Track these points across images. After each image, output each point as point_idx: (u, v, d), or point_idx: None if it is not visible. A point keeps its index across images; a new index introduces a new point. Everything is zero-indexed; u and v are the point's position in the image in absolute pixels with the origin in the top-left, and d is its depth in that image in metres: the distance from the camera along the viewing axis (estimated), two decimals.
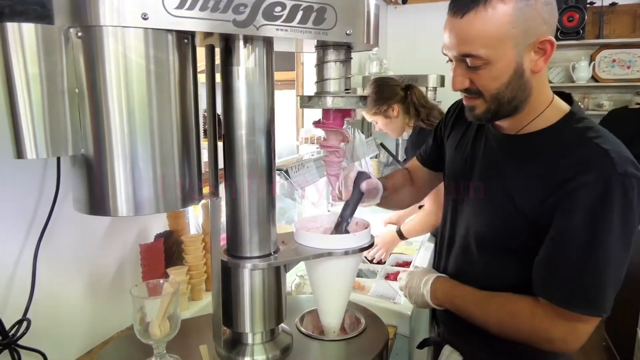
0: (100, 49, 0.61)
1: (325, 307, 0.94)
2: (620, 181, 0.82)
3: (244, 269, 0.81)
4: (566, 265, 0.85)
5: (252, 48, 0.77)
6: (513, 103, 0.90)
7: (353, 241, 0.88)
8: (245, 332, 0.84)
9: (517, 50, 0.84)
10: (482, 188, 1.01)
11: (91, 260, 1.13)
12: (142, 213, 0.66)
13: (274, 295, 0.84)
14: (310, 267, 0.91)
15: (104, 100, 0.62)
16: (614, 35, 3.79)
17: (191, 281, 1.26)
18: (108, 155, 0.64)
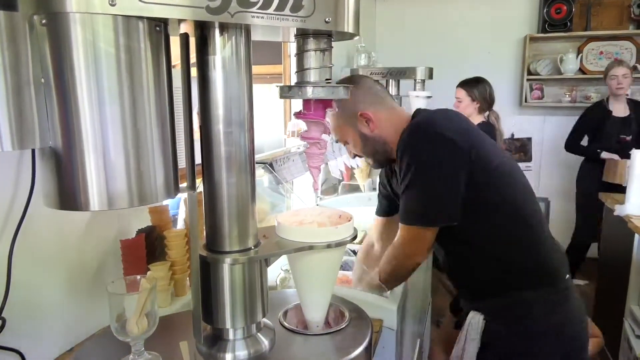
0: (67, 37, 0.58)
1: (308, 301, 0.92)
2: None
3: (223, 264, 0.80)
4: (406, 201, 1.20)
5: (229, 37, 0.74)
6: (380, 151, 1.29)
7: (335, 234, 0.87)
8: (226, 327, 0.83)
9: (352, 127, 1.28)
10: None
11: (71, 256, 1.11)
12: (115, 207, 0.64)
13: (254, 290, 0.83)
14: (293, 261, 0.90)
15: (72, 91, 0.60)
16: (601, 27, 3.81)
17: (174, 277, 1.24)
18: (77, 148, 0.61)
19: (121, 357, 0.82)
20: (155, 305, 0.80)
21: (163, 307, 1.18)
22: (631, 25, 3.78)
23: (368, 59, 3.29)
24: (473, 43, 3.98)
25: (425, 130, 1.17)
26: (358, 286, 1.42)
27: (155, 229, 1.24)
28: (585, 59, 3.88)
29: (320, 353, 0.87)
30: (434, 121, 1.20)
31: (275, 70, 2.82)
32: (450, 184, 1.14)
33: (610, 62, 3.29)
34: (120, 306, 0.78)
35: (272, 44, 0.98)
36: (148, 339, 0.82)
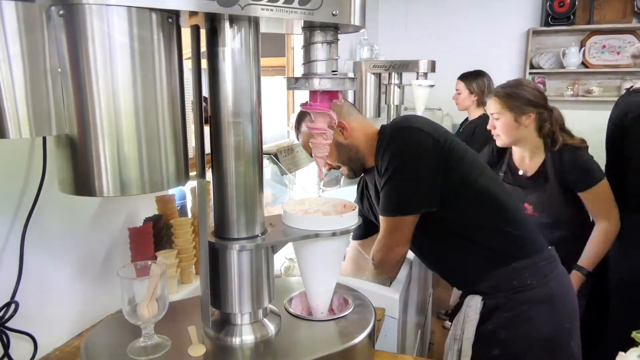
0: (83, 27, 0.60)
1: (313, 289, 0.94)
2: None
3: (231, 250, 0.82)
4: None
5: (238, 28, 0.76)
6: (354, 158, 1.39)
7: (340, 222, 0.89)
8: (234, 312, 0.85)
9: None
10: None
11: (80, 243, 1.13)
12: (128, 193, 0.66)
13: (261, 276, 0.85)
14: (298, 249, 0.92)
15: (88, 80, 0.62)
16: (604, 20, 3.80)
17: (181, 264, 1.26)
18: (92, 135, 0.64)
19: (130, 342, 0.84)
20: (165, 290, 0.82)
21: (170, 294, 1.21)
22: (635, 18, 3.77)
23: (371, 52, 3.30)
24: (476, 36, 3.98)
25: (403, 127, 1.30)
26: (356, 272, 1.48)
27: (162, 217, 1.26)
28: (588, 53, 3.88)
29: (325, 338, 0.90)
30: (409, 120, 1.32)
31: (279, 62, 2.83)
32: (427, 173, 1.24)
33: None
34: (131, 290, 0.81)
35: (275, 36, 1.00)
36: (157, 323, 0.84)
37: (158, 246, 1.22)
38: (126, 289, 0.80)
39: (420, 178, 1.25)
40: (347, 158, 1.38)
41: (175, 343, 0.85)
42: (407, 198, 1.26)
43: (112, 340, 0.88)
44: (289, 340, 0.87)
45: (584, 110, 3.90)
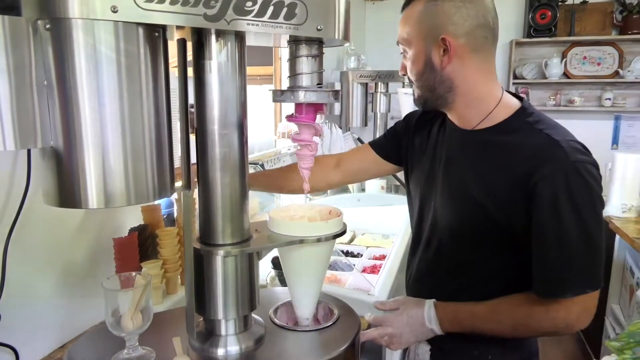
0: (69, 41, 0.61)
1: (298, 295, 0.95)
2: (574, 169, 0.90)
3: (216, 256, 0.82)
4: (568, 262, 0.93)
5: (224, 42, 0.77)
6: (436, 92, 1.03)
7: (326, 228, 0.89)
8: (218, 319, 0.85)
9: (425, 43, 1.01)
10: (446, 181, 1.08)
11: (64, 254, 1.12)
12: (113, 205, 0.67)
13: (246, 282, 0.85)
14: (283, 255, 0.92)
15: (74, 93, 0.62)
16: (584, 32, 3.89)
17: (166, 275, 1.26)
18: (78, 147, 0.64)
19: (114, 353, 0.84)
20: (150, 301, 0.82)
21: (155, 305, 1.20)
22: (614, 30, 3.87)
23: (357, 62, 3.34)
24: None
25: (577, 160, 0.92)
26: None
27: (147, 227, 1.26)
28: (569, 64, 3.97)
29: (310, 349, 0.90)
30: (583, 150, 0.96)
31: (266, 71, 2.85)
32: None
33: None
34: (115, 302, 0.80)
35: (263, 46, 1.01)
36: (142, 335, 0.84)
37: (143, 256, 1.22)
38: (110, 301, 0.80)
39: (600, 235, 0.94)
40: (428, 86, 1.03)
41: (159, 354, 0.84)
42: (600, 269, 0.94)
43: (95, 352, 0.88)
44: (274, 350, 0.88)
45: (566, 119, 3.98)
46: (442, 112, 1.15)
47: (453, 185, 1.06)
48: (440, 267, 1.13)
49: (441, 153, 1.12)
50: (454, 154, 1.09)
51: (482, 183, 1.00)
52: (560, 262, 0.93)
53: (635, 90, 3.90)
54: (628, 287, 2.29)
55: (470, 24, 0.98)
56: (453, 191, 1.06)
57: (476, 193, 1.00)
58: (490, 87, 1.04)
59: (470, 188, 1.02)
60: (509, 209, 0.96)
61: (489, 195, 0.98)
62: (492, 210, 0.98)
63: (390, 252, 1.90)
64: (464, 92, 1.02)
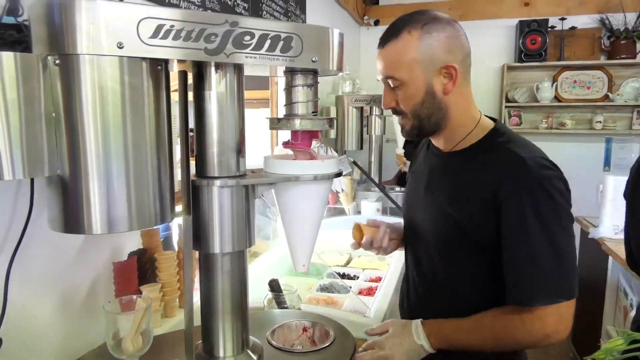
0: (77, 75, 0.64)
1: (294, 239, 0.94)
2: (539, 184, 0.96)
3: (212, 187, 0.83)
4: (538, 272, 0.97)
5: (223, 74, 0.81)
6: (432, 119, 1.07)
7: (322, 167, 0.89)
8: (215, 252, 0.85)
9: (425, 73, 1.02)
10: (428, 202, 1.14)
11: (64, 278, 1.14)
12: (116, 231, 0.69)
13: (243, 216, 0.86)
14: (279, 195, 0.92)
15: (80, 124, 0.66)
16: (574, 57, 3.97)
17: (164, 298, 1.27)
18: (83, 176, 0.67)
19: None
20: (150, 324, 0.84)
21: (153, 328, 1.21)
22: (602, 55, 3.96)
23: (352, 86, 3.39)
24: None
25: (542, 176, 0.98)
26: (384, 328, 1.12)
27: (146, 251, 1.28)
28: (560, 87, 4.04)
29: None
30: (545, 165, 1.00)
31: (263, 95, 2.89)
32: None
33: None
34: (116, 325, 0.82)
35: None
36: (142, 357, 0.85)
37: (142, 280, 1.24)
38: (111, 324, 0.82)
39: (570, 245, 0.99)
40: (426, 115, 1.05)
41: None
42: (573, 278, 0.98)
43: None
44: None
45: (558, 142, 4.04)
46: (426, 142, 1.23)
47: (433, 205, 1.12)
48: (428, 285, 1.17)
49: (423, 178, 1.19)
50: (434, 177, 1.15)
51: (458, 202, 1.05)
52: (529, 271, 0.96)
53: (625, 114, 3.97)
54: (622, 309, 2.30)
55: (462, 52, 1.05)
56: (435, 211, 1.11)
57: (454, 212, 1.05)
58: (472, 110, 1.11)
59: (449, 208, 1.07)
60: (482, 225, 1.01)
61: (464, 213, 1.03)
62: (468, 228, 1.03)
63: (386, 274, 1.92)
64: (454, 116, 1.07)
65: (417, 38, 1.01)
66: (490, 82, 4.16)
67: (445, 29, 1.02)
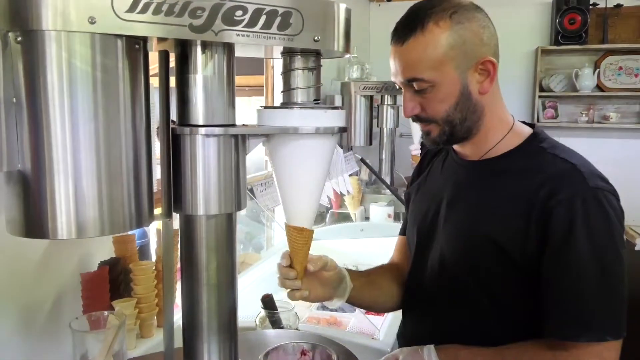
0: (42, 55, 0.64)
1: (291, 203, 0.93)
2: (593, 195, 0.94)
3: (196, 136, 0.81)
4: (582, 298, 0.95)
5: (211, 54, 0.81)
6: (465, 124, 1.05)
7: (324, 119, 0.86)
8: (199, 214, 0.83)
9: (459, 71, 1.00)
10: (452, 221, 1.12)
11: (23, 292, 1.14)
12: (85, 236, 0.69)
13: (231, 173, 0.83)
14: (275, 151, 0.90)
15: (45, 111, 0.65)
16: (619, 40, 3.96)
17: (140, 315, 1.27)
18: (48, 172, 0.67)
19: None
20: (124, 344, 0.84)
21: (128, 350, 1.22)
22: None
23: (361, 72, 3.40)
24: None
25: (597, 187, 0.97)
26: None
27: (119, 261, 1.29)
28: (602, 75, 4.03)
29: None
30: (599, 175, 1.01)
31: (256, 81, 2.90)
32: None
33: None
34: (84, 345, 0.82)
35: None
36: None
37: (115, 294, 1.24)
38: (78, 344, 0.82)
39: (622, 273, 0.97)
40: (461, 119, 1.04)
41: None
42: (622, 313, 0.96)
43: None
44: None
45: (600, 138, 4.03)
46: (445, 149, 1.21)
47: (461, 224, 1.10)
48: (450, 319, 1.14)
49: (443, 192, 1.16)
50: (459, 190, 1.13)
51: (492, 214, 1.04)
52: (574, 298, 0.95)
53: None
54: None
55: (494, 43, 1.04)
56: (461, 230, 1.10)
57: (486, 227, 1.04)
58: (505, 112, 1.10)
59: (481, 222, 1.05)
60: (522, 240, 0.99)
61: (500, 226, 1.02)
62: (504, 243, 1.01)
63: None
64: (489, 119, 1.07)
65: (447, 30, 0.99)
66: (522, 69, 4.16)
67: (476, 17, 1.01)
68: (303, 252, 1.00)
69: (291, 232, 0.97)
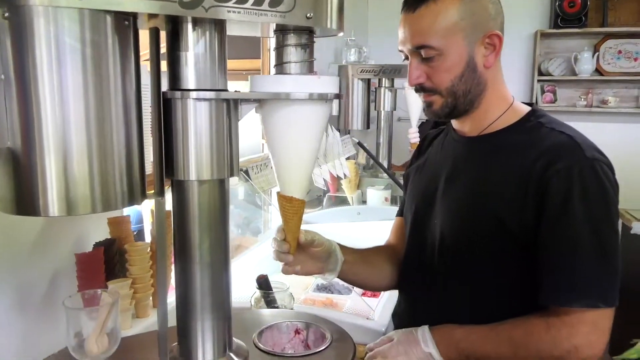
0: (30, 31, 0.64)
1: (284, 171, 0.93)
2: (590, 165, 0.96)
3: (187, 100, 0.80)
4: (576, 265, 0.96)
5: (202, 32, 0.80)
6: (468, 97, 1.07)
7: (318, 85, 0.86)
8: (190, 179, 0.83)
9: (467, 42, 1.03)
10: (450, 197, 1.13)
11: (19, 272, 1.14)
12: (76, 213, 0.69)
13: (223, 138, 0.83)
14: (267, 118, 0.89)
15: (34, 88, 0.65)
16: (619, 23, 3.94)
17: (136, 296, 1.28)
18: (38, 149, 0.67)
19: None
20: (117, 322, 0.85)
21: (123, 330, 1.22)
22: None
23: (359, 55, 3.38)
24: None
25: (594, 157, 0.99)
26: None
27: (115, 242, 1.29)
28: (602, 59, 4.02)
29: None
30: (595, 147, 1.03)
31: (253, 65, 2.88)
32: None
33: None
34: (78, 323, 0.83)
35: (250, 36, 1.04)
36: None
37: (110, 275, 1.25)
38: (72, 322, 0.83)
39: (616, 242, 0.99)
40: (465, 91, 1.06)
41: None
42: (615, 281, 0.98)
43: None
44: None
45: (599, 122, 4.03)
46: (443, 128, 1.23)
47: (459, 199, 1.11)
48: (448, 296, 1.15)
49: (442, 169, 1.17)
50: (458, 166, 1.14)
51: (490, 188, 1.05)
52: (568, 265, 0.96)
53: None
54: None
55: (500, 19, 1.07)
56: (459, 205, 1.11)
57: (485, 199, 1.05)
58: (506, 89, 1.12)
59: (479, 196, 1.07)
60: (519, 212, 1.00)
61: (498, 199, 1.03)
62: (503, 216, 1.02)
63: None
64: (490, 94, 1.09)
65: (459, 1, 1.02)
66: (521, 52, 4.14)
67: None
68: (294, 223, 1.01)
69: (281, 202, 0.98)
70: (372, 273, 1.28)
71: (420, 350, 1.05)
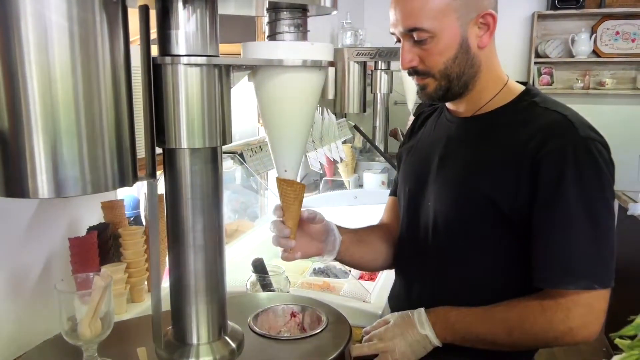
0: (15, 8, 0.62)
1: (277, 142, 0.92)
2: (583, 144, 0.95)
3: (177, 66, 0.79)
4: (570, 246, 0.96)
5: (193, 9, 0.79)
6: (462, 79, 1.05)
7: (313, 52, 0.85)
8: (181, 147, 0.81)
9: (460, 23, 1.01)
10: (443, 177, 1.13)
11: (12, 257, 1.14)
12: (66, 194, 0.68)
13: (214, 105, 0.82)
14: (260, 86, 0.88)
15: (20, 67, 0.64)
16: (617, 4, 3.92)
17: (130, 280, 1.28)
18: (26, 129, 0.65)
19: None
20: (110, 305, 0.84)
21: (118, 314, 1.22)
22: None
23: (355, 38, 3.35)
24: None
25: (588, 136, 0.98)
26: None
27: (109, 226, 1.28)
28: (599, 40, 4.00)
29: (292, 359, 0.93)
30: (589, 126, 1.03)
31: None
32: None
33: None
34: (71, 307, 0.82)
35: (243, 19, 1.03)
36: (102, 345, 0.86)
37: (104, 259, 1.24)
38: (65, 305, 0.82)
39: (611, 222, 0.98)
40: (458, 73, 1.04)
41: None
42: (610, 262, 0.97)
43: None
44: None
45: (596, 104, 4.02)
46: (437, 107, 1.23)
47: (452, 180, 1.11)
48: (443, 277, 1.15)
49: (435, 150, 1.17)
50: (451, 146, 1.14)
51: (483, 168, 1.05)
52: (563, 246, 0.96)
53: None
54: None
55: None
56: (452, 186, 1.10)
57: (478, 180, 1.05)
58: (500, 69, 1.11)
59: (472, 176, 1.06)
60: (513, 191, 1.00)
61: (491, 179, 1.03)
62: (495, 197, 1.02)
63: None
64: (485, 74, 1.07)
65: None
66: (518, 34, 4.12)
67: None
68: (295, 207, 1.00)
69: (282, 186, 0.96)
70: (368, 252, 1.28)
71: (416, 332, 1.06)
